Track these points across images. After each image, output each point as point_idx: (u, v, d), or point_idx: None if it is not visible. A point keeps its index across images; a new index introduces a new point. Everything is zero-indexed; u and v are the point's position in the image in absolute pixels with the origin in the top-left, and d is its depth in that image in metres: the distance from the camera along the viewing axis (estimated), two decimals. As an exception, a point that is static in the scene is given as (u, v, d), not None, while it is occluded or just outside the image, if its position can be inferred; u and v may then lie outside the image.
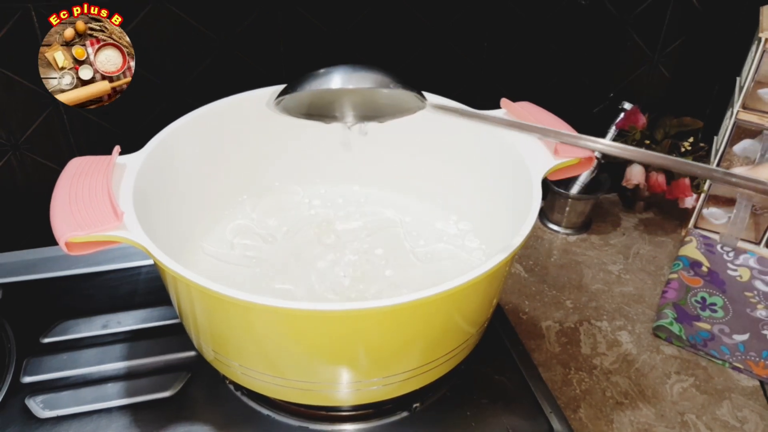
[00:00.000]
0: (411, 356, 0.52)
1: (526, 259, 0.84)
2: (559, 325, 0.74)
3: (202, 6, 0.68)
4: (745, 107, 0.78)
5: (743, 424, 0.64)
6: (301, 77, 0.49)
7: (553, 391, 0.65)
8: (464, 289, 0.45)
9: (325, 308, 0.44)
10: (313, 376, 0.51)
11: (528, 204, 0.52)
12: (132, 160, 0.55)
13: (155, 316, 0.67)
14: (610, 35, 0.83)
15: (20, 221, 0.74)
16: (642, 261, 0.85)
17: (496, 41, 0.80)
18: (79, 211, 0.48)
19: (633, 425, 0.63)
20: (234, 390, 0.59)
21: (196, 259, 0.64)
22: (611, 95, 0.88)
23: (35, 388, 0.59)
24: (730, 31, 0.86)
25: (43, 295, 0.69)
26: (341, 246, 0.66)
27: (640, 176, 0.85)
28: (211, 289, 0.44)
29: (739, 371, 0.69)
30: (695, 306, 0.77)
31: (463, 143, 0.65)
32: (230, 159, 0.67)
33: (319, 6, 0.71)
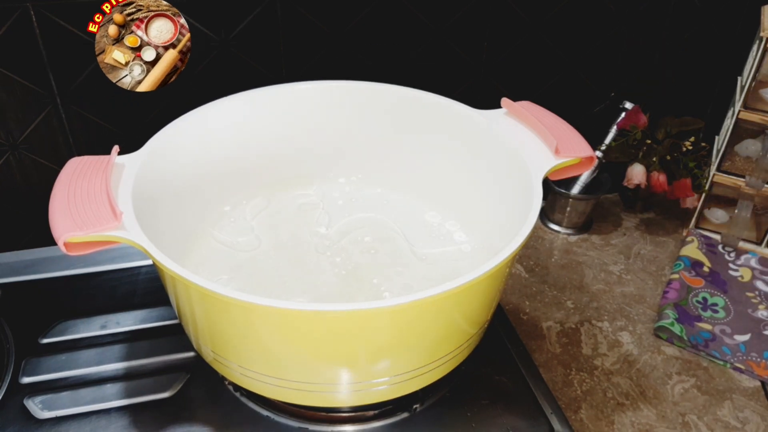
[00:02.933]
0: (411, 357, 0.52)
1: (527, 260, 0.83)
2: (560, 325, 0.74)
3: (202, 5, 0.67)
4: (747, 107, 0.78)
5: (744, 425, 0.64)
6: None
7: (554, 391, 0.64)
8: (465, 289, 0.45)
9: (324, 309, 0.44)
10: (312, 376, 0.51)
11: (529, 204, 0.52)
12: (131, 159, 0.55)
13: (154, 316, 0.66)
14: (611, 34, 0.83)
15: (19, 221, 0.74)
16: (643, 261, 0.84)
17: (496, 41, 0.79)
18: (77, 211, 0.47)
19: (634, 426, 0.63)
20: (233, 391, 0.59)
21: (194, 259, 0.63)
22: (612, 94, 0.88)
23: (34, 388, 0.59)
24: (731, 31, 0.86)
25: (41, 295, 0.69)
26: (341, 246, 0.66)
27: (641, 176, 0.85)
28: (210, 290, 0.44)
29: (741, 372, 0.69)
30: (696, 306, 0.76)
31: (463, 143, 0.65)
32: (229, 159, 0.66)
33: (319, 6, 0.71)
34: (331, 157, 0.72)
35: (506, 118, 0.62)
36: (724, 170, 0.83)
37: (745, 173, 0.82)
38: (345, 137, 0.70)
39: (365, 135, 0.70)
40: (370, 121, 0.69)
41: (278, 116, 0.67)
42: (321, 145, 0.71)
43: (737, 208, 0.83)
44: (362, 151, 0.72)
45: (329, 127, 0.69)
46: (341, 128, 0.70)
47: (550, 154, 0.57)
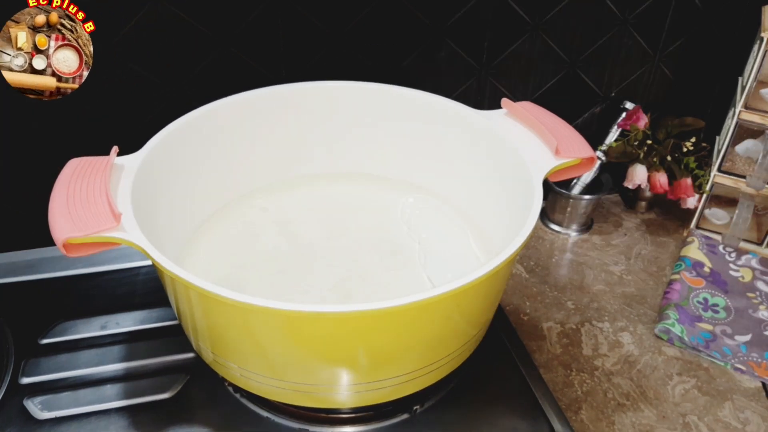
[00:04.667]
0: (412, 358, 0.51)
1: (527, 260, 0.83)
2: (561, 326, 0.74)
3: (202, 5, 0.67)
4: (747, 107, 0.78)
5: (745, 426, 0.64)
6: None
7: (555, 392, 0.64)
8: (465, 290, 0.45)
9: (324, 310, 0.44)
10: (312, 378, 0.51)
11: (529, 205, 0.52)
12: (130, 160, 0.55)
13: (154, 317, 0.66)
14: (611, 34, 0.83)
15: (19, 221, 0.74)
16: (644, 262, 0.84)
17: (496, 41, 0.79)
18: (77, 213, 0.47)
19: (635, 427, 0.63)
20: (233, 392, 0.59)
21: (194, 259, 0.63)
22: (613, 95, 0.88)
23: (34, 389, 0.59)
24: (731, 31, 0.86)
25: (41, 295, 0.69)
26: (342, 246, 0.66)
27: (642, 176, 0.85)
28: (210, 291, 0.43)
29: (741, 372, 0.69)
30: (697, 307, 0.76)
31: (463, 144, 0.65)
32: (229, 160, 0.66)
33: (319, 6, 0.71)
34: (330, 157, 0.72)
35: (506, 118, 0.62)
36: (725, 170, 0.83)
37: (746, 173, 0.81)
38: (345, 137, 0.70)
39: (364, 135, 0.70)
40: (370, 121, 0.69)
41: (278, 116, 0.67)
42: (321, 146, 0.71)
43: (738, 209, 0.83)
44: (362, 151, 0.72)
45: (329, 127, 0.69)
46: (341, 128, 0.70)
47: (550, 155, 0.57)
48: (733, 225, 0.84)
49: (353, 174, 0.73)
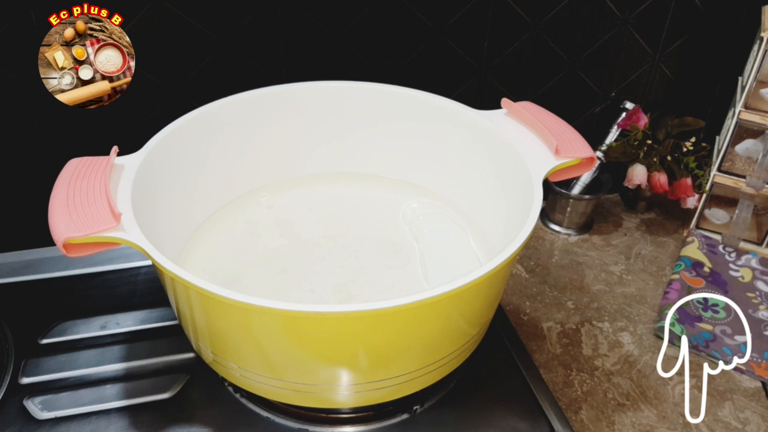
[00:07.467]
0: (411, 358, 0.51)
1: (527, 260, 0.83)
2: (561, 326, 0.74)
3: (202, 5, 0.67)
4: (747, 107, 0.78)
5: (745, 426, 0.64)
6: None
7: (555, 392, 0.64)
8: (465, 290, 0.45)
9: (324, 310, 0.44)
10: (312, 378, 0.51)
11: (529, 205, 0.52)
12: (130, 160, 0.55)
13: (154, 317, 0.66)
14: (611, 34, 0.83)
15: (19, 221, 0.74)
16: (644, 261, 0.84)
17: (496, 41, 0.79)
18: (76, 213, 0.47)
19: (635, 426, 0.63)
20: (233, 392, 0.59)
21: (194, 259, 0.63)
22: (613, 95, 0.88)
23: (33, 389, 0.59)
24: (731, 31, 0.86)
25: (41, 295, 0.69)
26: (342, 246, 0.66)
27: (642, 176, 0.85)
28: (210, 291, 0.43)
29: (741, 372, 0.69)
30: (697, 307, 0.76)
31: (463, 144, 0.65)
32: (229, 159, 0.66)
33: (319, 6, 0.71)
34: (330, 157, 0.72)
35: (506, 118, 0.62)
36: (725, 170, 0.83)
37: (746, 173, 0.81)
38: (344, 137, 0.70)
39: (364, 136, 0.70)
40: (369, 121, 0.69)
41: (278, 116, 0.67)
42: (321, 146, 0.71)
43: (738, 209, 0.83)
44: (362, 151, 0.72)
45: (329, 127, 0.69)
46: (341, 129, 0.70)
47: (550, 155, 0.57)
48: (733, 225, 0.84)
49: (353, 174, 0.73)
